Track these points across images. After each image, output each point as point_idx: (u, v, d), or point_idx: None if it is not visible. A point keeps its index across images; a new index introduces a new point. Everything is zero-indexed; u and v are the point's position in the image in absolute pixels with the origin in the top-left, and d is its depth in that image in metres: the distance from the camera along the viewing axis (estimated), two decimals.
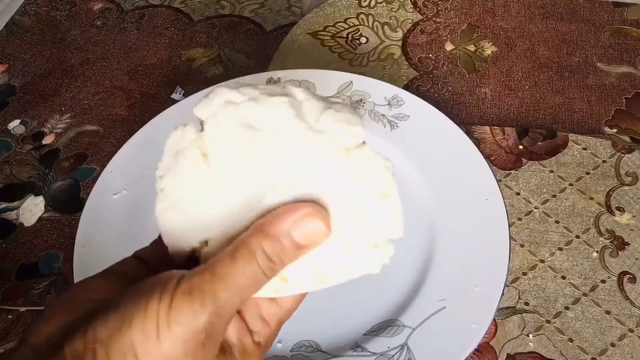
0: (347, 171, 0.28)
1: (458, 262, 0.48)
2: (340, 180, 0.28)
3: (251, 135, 0.28)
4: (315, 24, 0.70)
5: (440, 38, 0.69)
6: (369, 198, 0.29)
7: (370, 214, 0.29)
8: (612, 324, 0.47)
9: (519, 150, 0.57)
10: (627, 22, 0.69)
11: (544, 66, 0.65)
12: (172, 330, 0.25)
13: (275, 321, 0.30)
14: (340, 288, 0.48)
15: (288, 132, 0.28)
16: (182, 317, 0.25)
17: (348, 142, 0.28)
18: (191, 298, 0.25)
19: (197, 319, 0.25)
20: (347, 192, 0.28)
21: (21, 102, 0.65)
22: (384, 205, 0.29)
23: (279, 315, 0.30)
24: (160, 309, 0.25)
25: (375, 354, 0.44)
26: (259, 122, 0.28)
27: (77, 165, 0.59)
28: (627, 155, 0.56)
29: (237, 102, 0.29)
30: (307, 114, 0.29)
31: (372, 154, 0.28)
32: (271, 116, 0.28)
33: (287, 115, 0.28)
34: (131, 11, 0.74)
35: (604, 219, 0.52)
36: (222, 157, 0.29)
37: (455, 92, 0.63)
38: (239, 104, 0.29)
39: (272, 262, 0.27)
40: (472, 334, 0.44)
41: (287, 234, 0.27)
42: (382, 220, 0.29)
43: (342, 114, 0.29)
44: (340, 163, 0.28)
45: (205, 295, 0.25)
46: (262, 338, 0.30)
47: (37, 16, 0.74)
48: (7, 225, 0.55)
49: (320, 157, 0.28)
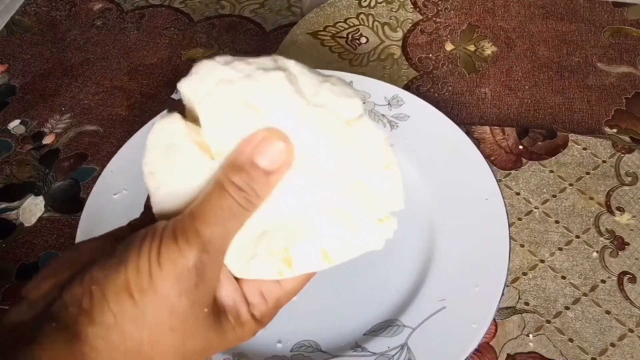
0: (348, 145, 0.28)
1: (458, 262, 0.48)
2: (342, 154, 0.28)
3: (253, 116, 0.28)
4: (315, 24, 0.70)
5: (440, 38, 0.69)
6: (371, 171, 0.29)
7: (372, 187, 0.29)
8: (612, 324, 0.47)
9: (519, 150, 0.57)
10: (627, 22, 0.69)
11: (544, 66, 0.65)
12: (164, 269, 0.26)
13: (273, 299, 0.30)
14: (341, 288, 0.49)
15: (289, 108, 0.28)
16: (171, 255, 0.26)
17: (348, 115, 0.28)
18: (177, 238, 0.26)
19: (185, 255, 0.26)
20: (349, 167, 0.28)
21: (21, 102, 0.65)
22: (385, 177, 0.29)
23: (277, 295, 0.30)
24: (152, 251, 0.26)
25: (375, 354, 0.44)
26: (258, 100, 0.28)
27: (77, 165, 0.59)
28: (627, 155, 0.56)
29: (233, 79, 0.28)
30: (304, 89, 0.28)
31: (372, 126, 0.29)
32: (270, 93, 0.28)
33: (286, 92, 0.28)
34: (131, 11, 0.74)
35: (604, 219, 0.52)
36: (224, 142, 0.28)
37: (455, 92, 0.63)
38: (234, 82, 0.28)
39: (243, 191, 0.27)
40: (472, 334, 0.44)
41: (251, 162, 0.28)
42: (383, 193, 0.29)
43: (338, 87, 0.29)
44: (341, 137, 0.28)
45: (188, 233, 0.26)
46: (257, 312, 0.30)
47: (37, 16, 0.74)
48: (7, 225, 0.55)
49: (322, 131, 0.28)
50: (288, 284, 0.31)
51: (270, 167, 0.28)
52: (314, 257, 0.29)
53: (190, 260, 0.26)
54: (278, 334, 0.46)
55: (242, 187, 0.27)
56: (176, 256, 0.26)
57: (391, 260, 0.50)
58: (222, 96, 0.28)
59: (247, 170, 0.28)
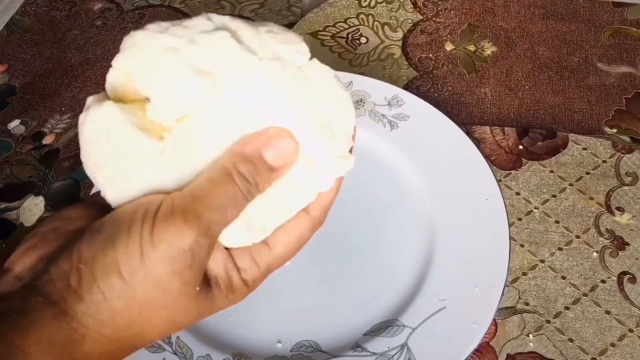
0: (306, 90, 0.29)
1: (458, 262, 0.48)
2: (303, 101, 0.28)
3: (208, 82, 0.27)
4: (315, 24, 0.70)
5: (440, 38, 0.69)
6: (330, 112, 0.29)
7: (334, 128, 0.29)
8: (612, 324, 0.47)
9: (519, 150, 0.57)
10: (627, 22, 0.69)
11: (544, 66, 0.65)
12: (157, 249, 0.25)
13: (264, 264, 0.30)
14: (341, 288, 0.49)
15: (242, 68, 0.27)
16: (168, 235, 0.25)
17: (299, 61, 0.28)
18: (174, 218, 0.26)
19: (183, 236, 0.26)
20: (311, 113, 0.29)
21: (21, 102, 0.65)
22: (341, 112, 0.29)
23: (268, 259, 0.30)
24: (144, 229, 0.26)
25: (375, 354, 0.44)
26: (209, 64, 0.27)
27: (77, 165, 0.59)
28: (627, 155, 0.56)
29: (177, 47, 0.27)
30: (250, 44, 0.28)
31: (321, 66, 0.29)
32: (220, 56, 0.27)
33: (235, 51, 0.27)
34: (131, 11, 0.74)
35: (604, 219, 0.52)
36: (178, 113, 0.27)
37: (455, 92, 0.63)
38: (179, 49, 0.27)
39: (248, 182, 0.28)
40: (472, 334, 0.44)
41: (259, 156, 0.28)
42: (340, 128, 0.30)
43: (281, 35, 0.29)
44: (298, 84, 0.28)
45: (188, 215, 0.26)
46: (249, 277, 0.30)
47: (37, 16, 0.74)
48: (7, 225, 0.55)
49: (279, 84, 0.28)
50: (278, 248, 0.31)
51: (276, 164, 0.28)
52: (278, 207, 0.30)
53: (187, 242, 0.26)
54: (278, 334, 0.46)
55: (248, 177, 0.28)
56: (172, 237, 0.26)
57: (391, 260, 0.50)
58: (170, 65, 0.27)
59: (254, 162, 0.28)
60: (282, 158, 0.28)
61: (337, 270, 0.50)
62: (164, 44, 0.27)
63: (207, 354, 0.45)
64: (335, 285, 0.49)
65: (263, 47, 0.28)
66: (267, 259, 0.30)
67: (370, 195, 0.53)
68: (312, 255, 0.51)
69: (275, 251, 0.31)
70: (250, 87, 0.27)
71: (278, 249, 0.31)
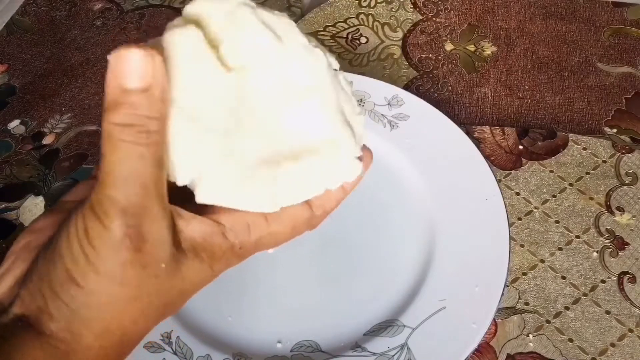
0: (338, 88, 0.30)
1: (458, 262, 0.48)
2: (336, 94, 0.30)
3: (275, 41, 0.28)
4: (315, 24, 0.70)
5: (440, 38, 0.69)
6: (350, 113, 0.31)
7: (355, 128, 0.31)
8: (612, 324, 0.47)
9: (519, 150, 0.57)
10: (627, 22, 0.69)
11: (544, 66, 0.65)
12: (97, 248, 0.24)
13: (257, 234, 0.29)
14: (341, 288, 0.49)
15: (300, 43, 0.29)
16: (97, 232, 0.24)
17: (335, 64, 0.31)
18: (95, 212, 0.24)
19: (109, 227, 0.24)
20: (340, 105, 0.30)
21: (21, 102, 0.65)
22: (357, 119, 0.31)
23: (262, 232, 0.29)
24: (79, 232, 0.24)
25: (375, 354, 0.44)
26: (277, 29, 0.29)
27: (77, 165, 0.59)
28: (627, 155, 0.56)
29: (253, 5, 0.28)
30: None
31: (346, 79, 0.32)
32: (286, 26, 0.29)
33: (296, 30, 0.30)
34: (131, 11, 0.74)
35: (604, 219, 0.52)
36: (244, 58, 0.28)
37: (455, 92, 0.63)
38: (255, 8, 0.28)
39: (131, 125, 0.23)
40: (472, 334, 0.44)
41: (120, 89, 0.23)
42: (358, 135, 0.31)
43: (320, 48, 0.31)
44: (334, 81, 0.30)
45: (104, 205, 0.24)
46: (239, 241, 0.28)
47: (37, 16, 0.74)
48: (7, 225, 0.55)
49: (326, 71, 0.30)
50: (274, 226, 0.29)
51: (143, 83, 0.23)
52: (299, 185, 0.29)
53: (117, 230, 0.24)
54: (278, 334, 0.46)
55: (127, 121, 0.23)
56: (101, 232, 0.24)
57: (391, 260, 0.50)
58: (245, 17, 0.28)
59: (121, 101, 0.23)
60: (144, 71, 0.23)
61: (337, 270, 0.50)
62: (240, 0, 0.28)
63: (207, 354, 0.45)
64: (335, 285, 0.49)
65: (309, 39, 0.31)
66: (262, 231, 0.29)
67: (370, 195, 0.53)
68: (312, 255, 0.51)
69: (272, 228, 0.29)
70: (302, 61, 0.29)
71: (274, 227, 0.29)
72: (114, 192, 0.24)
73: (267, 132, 0.28)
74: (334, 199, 0.31)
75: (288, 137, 0.29)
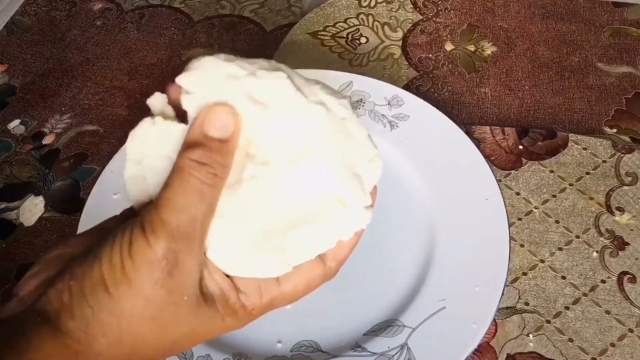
0: (345, 139, 0.30)
1: (458, 262, 0.48)
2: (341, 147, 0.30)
3: (260, 111, 0.29)
4: (315, 24, 0.70)
5: (440, 38, 0.69)
6: (362, 164, 0.30)
7: (361, 176, 0.30)
8: (612, 324, 0.47)
9: (519, 150, 0.57)
10: (627, 22, 0.69)
11: (544, 66, 0.65)
12: (135, 261, 0.26)
13: (269, 296, 0.30)
14: (341, 288, 0.49)
15: (292, 105, 0.29)
16: (140, 248, 0.26)
17: (341, 113, 0.30)
18: (144, 230, 0.26)
19: (152, 246, 0.26)
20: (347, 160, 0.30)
21: (21, 102, 0.65)
22: (370, 166, 0.31)
23: (274, 294, 0.30)
24: (123, 244, 0.27)
25: (375, 354, 0.44)
26: (264, 96, 0.29)
27: (77, 165, 0.59)
28: (627, 155, 0.56)
29: (239, 76, 0.29)
30: (301, 89, 0.29)
31: (358, 123, 0.31)
32: (275, 91, 0.29)
33: (289, 90, 0.29)
34: (131, 11, 0.74)
35: (604, 219, 0.52)
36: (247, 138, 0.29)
37: (455, 92, 0.63)
38: (240, 78, 0.29)
39: (205, 165, 0.27)
40: (472, 334, 0.44)
41: (205, 135, 0.28)
42: (367, 181, 0.31)
43: (328, 89, 0.30)
44: (339, 132, 0.30)
45: (155, 224, 0.26)
46: (249, 303, 0.30)
47: (37, 16, 0.74)
48: (7, 225, 0.55)
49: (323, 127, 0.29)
50: (287, 286, 0.30)
51: (223, 135, 0.28)
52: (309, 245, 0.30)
53: (159, 250, 0.26)
54: (278, 334, 0.46)
55: (203, 160, 0.27)
56: (144, 248, 0.26)
57: (391, 260, 0.50)
58: (230, 91, 0.29)
59: (202, 143, 0.28)
60: (227, 126, 0.28)
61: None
62: (228, 72, 0.29)
63: (207, 354, 0.45)
64: (335, 285, 0.49)
65: (312, 94, 0.30)
66: (273, 293, 0.30)
67: None
68: None
69: (284, 288, 0.30)
70: (296, 123, 0.29)
71: (287, 287, 0.30)
72: (168, 216, 0.26)
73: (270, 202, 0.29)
74: (347, 247, 0.31)
75: (293, 203, 0.29)
